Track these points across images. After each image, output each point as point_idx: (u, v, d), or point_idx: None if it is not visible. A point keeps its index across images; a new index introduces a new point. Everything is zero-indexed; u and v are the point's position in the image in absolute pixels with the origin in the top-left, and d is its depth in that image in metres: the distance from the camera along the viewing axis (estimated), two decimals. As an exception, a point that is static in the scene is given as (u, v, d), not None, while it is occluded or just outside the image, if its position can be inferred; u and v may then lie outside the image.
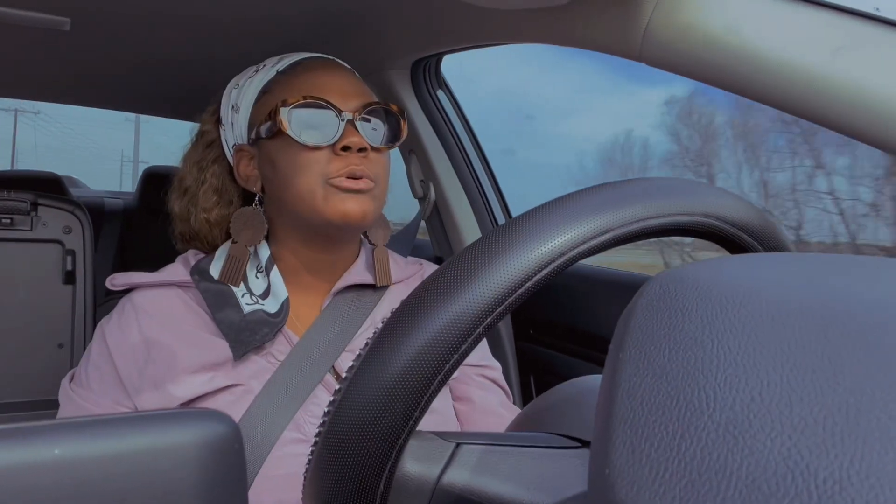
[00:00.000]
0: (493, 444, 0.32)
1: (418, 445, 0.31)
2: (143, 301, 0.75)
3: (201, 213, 0.81)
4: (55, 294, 1.03)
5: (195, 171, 0.83)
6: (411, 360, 0.28)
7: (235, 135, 0.81)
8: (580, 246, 0.30)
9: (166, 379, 0.70)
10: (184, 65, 1.40)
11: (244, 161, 0.80)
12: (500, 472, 0.31)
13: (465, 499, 0.31)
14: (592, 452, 0.22)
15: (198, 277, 0.76)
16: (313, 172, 0.72)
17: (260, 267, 0.78)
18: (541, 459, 0.32)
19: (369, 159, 0.74)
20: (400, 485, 0.31)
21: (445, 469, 0.31)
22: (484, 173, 1.47)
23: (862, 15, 0.57)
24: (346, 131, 0.73)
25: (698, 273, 0.25)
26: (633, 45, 0.71)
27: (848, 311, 0.21)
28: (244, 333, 0.72)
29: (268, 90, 0.78)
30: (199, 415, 0.31)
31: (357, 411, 0.28)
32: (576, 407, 0.40)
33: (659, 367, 0.21)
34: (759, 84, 0.62)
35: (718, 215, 0.33)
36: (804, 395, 0.18)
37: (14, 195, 1.00)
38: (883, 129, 0.55)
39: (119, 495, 0.28)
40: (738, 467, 0.17)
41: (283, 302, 0.75)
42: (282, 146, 0.74)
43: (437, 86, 1.42)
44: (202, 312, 0.75)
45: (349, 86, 0.77)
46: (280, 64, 0.80)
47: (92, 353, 0.74)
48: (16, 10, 1.05)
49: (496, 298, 0.28)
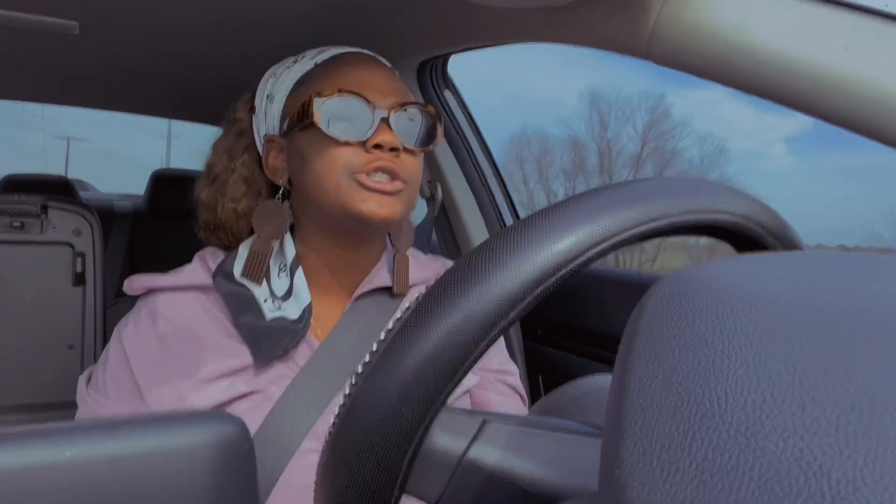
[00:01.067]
0: (519, 424, 0.32)
1: (446, 418, 0.31)
2: (161, 305, 0.73)
3: (229, 202, 0.79)
4: (65, 296, 1.04)
5: (225, 158, 0.81)
6: (451, 331, 0.28)
7: (268, 125, 0.79)
8: (618, 235, 0.30)
9: (184, 387, 0.68)
10: (192, 66, 1.41)
11: (273, 152, 0.79)
12: (524, 453, 0.31)
13: (489, 475, 0.30)
14: (603, 453, 0.22)
15: (221, 281, 0.74)
16: (340, 166, 0.70)
17: (283, 265, 0.76)
18: (566, 443, 0.32)
19: (401, 160, 0.72)
20: (426, 456, 0.30)
21: (471, 444, 0.31)
22: (492, 174, 1.47)
23: (872, 11, 0.56)
24: (380, 129, 0.71)
25: (708, 273, 0.25)
26: (641, 44, 0.71)
27: (859, 309, 0.21)
28: (266, 341, 0.70)
29: (304, 82, 0.77)
30: (208, 417, 0.31)
31: (397, 374, 0.28)
32: (586, 403, 0.40)
33: (669, 367, 0.21)
34: (768, 81, 0.61)
35: (748, 215, 0.33)
36: (817, 395, 0.18)
37: (24, 198, 1.01)
38: (893, 125, 0.54)
39: (130, 497, 0.28)
40: (750, 468, 0.17)
41: (305, 308, 0.73)
42: (312, 139, 0.72)
43: (444, 86, 1.42)
44: (222, 317, 0.73)
45: (387, 83, 0.75)
46: (319, 56, 0.78)
47: (109, 357, 0.73)
48: (24, 14, 1.06)
49: (537, 278, 0.28)
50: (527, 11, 0.88)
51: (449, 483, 0.30)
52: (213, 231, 0.81)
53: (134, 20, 1.12)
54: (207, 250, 0.81)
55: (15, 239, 1.01)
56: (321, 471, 0.31)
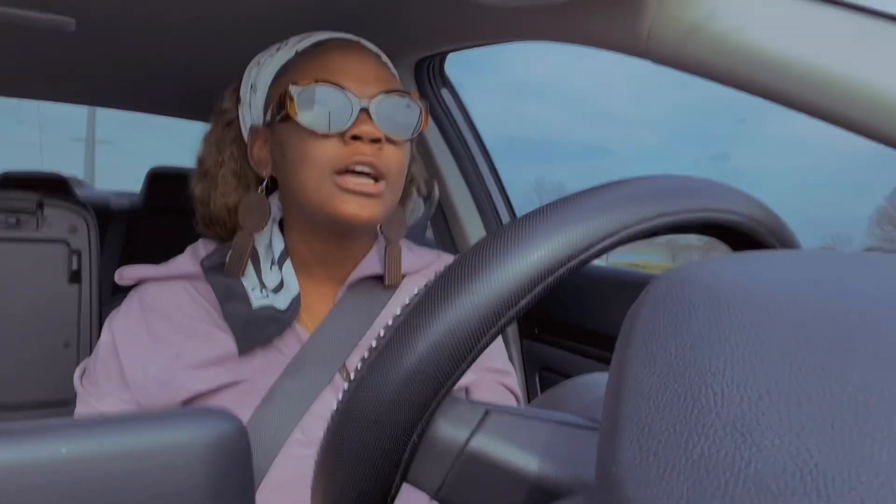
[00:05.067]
0: (522, 416, 0.32)
1: (449, 407, 0.31)
2: (149, 296, 0.74)
3: (220, 197, 0.77)
4: (61, 294, 1.04)
5: (214, 151, 0.80)
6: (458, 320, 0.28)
7: (252, 115, 0.77)
8: (619, 233, 0.30)
9: (170, 376, 0.69)
10: (189, 63, 1.40)
11: (258, 143, 0.76)
12: (526, 444, 0.31)
13: (490, 465, 0.30)
14: (599, 449, 0.22)
15: (209, 268, 0.74)
16: (320, 163, 0.68)
17: (273, 259, 0.75)
18: (568, 435, 0.32)
19: (383, 151, 0.69)
20: (427, 445, 0.30)
21: (473, 434, 0.31)
22: (488, 172, 1.47)
23: (871, 12, 0.57)
24: (359, 119, 0.68)
25: (704, 271, 0.25)
26: (639, 43, 0.71)
27: (856, 308, 0.21)
28: (251, 328, 0.70)
29: (285, 71, 0.74)
30: (205, 414, 0.31)
31: (404, 359, 0.28)
32: (583, 401, 0.40)
33: (665, 364, 0.21)
34: (765, 81, 0.61)
35: (748, 214, 0.33)
36: (813, 393, 0.18)
37: (20, 195, 1.01)
38: (886, 124, 0.55)
39: (126, 494, 0.28)
40: (745, 465, 0.17)
41: (293, 298, 0.72)
42: (291, 132, 0.70)
43: (442, 84, 1.42)
44: (209, 306, 0.73)
45: (369, 70, 0.72)
46: (301, 44, 0.76)
47: (100, 347, 0.74)
48: (20, 11, 1.05)
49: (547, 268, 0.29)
50: (525, 10, 0.88)
51: (449, 472, 0.30)
52: (210, 225, 0.80)
53: (131, 17, 1.11)
54: (201, 241, 0.80)
55: (10, 236, 1.01)
56: (321, 455, 0.31)
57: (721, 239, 0.36)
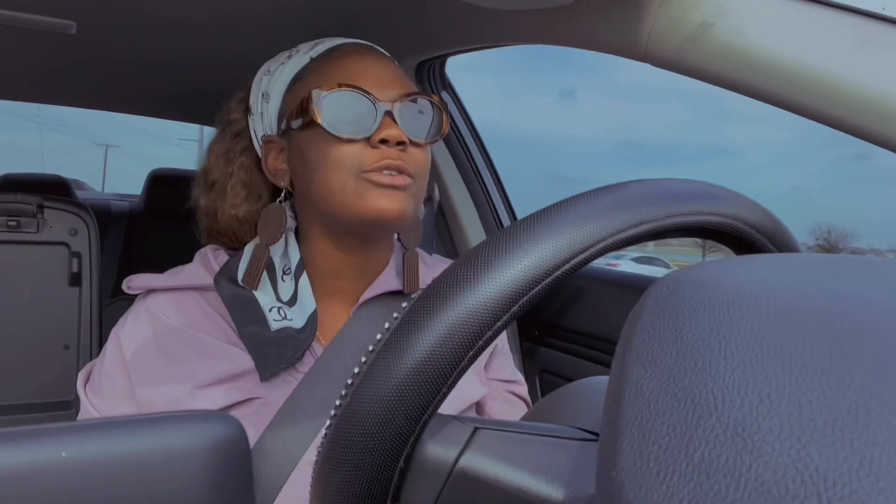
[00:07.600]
0: (511, 430, 0.32)
1: (437, 427, 0.31)
2: (159, 306, 0.71)
3: (229, 209, 0.75)
4: (61, 296, 1.04)
5: (222, 162, 0.78)
6: (445, 335, 0.28)
7: (265, 125, 0.75)
8: (616, 235, 0.30)
9: (182, 393, 0.67)
10: (190, 66, 1.41)
11: (273, 154, 0.75)
12: (516, 460, 0.30)
13: (481, 483, 0.30)
14: (599, 454, 0.22)
15: (224, 283, 0.72)
16: (345, 164, 0.67)
17: (287, 268, 0.73)
18: (558, 449, 0.31)
19: (408, 154, 0.68)
20: (417, 466, 0.30)
21: (463, 452, 0.31)
22: (488, 174, 1.47)
23: (871, 15, 0.57)
24: (384, 123, 0.67)
25: (705, 274, 0.25)
26: (639, 46, 0.71)
27: (856, 311, 0.21)
28: (271, 354, 0.68)
29: (300, 77, 0.72)
30: (204, 417, 0.31)
31: (382, 387, 0.28)
32: (583, 405, 0.40)
33: (666, 368, 0.21)
34: (765, 85, 0.61)
35: (743, 217, 0.34)
36: (813, 397, 0.18)
37: (20, 197, 1.01)
38: (890, 129, 0.55)
39: (125, 497, 0.28)
40: (746, 469, 0.17)
41: (310, 315, 0.71)
42: (313, 138, 0.69)
43: (442, 87, 1.42)
44: (221, 320, 0.71)
45: (388, 74, 0.71)
46: (314, 50, 0.74)
47: (105, 359, 0.71)
48: (21, 14, 1.05)
49: (538, 275, 0.28)
50: (525, 13, 0.88)
51: (441, 492, 0.30)
52: (217, 236, 0.79)
53: (131, 19, 1.11)
54: (209, 249, 0.79)
55: (11, 239, 1.01)
56: (314, 481, 0.31)
57: (720, 242, 0.36)
